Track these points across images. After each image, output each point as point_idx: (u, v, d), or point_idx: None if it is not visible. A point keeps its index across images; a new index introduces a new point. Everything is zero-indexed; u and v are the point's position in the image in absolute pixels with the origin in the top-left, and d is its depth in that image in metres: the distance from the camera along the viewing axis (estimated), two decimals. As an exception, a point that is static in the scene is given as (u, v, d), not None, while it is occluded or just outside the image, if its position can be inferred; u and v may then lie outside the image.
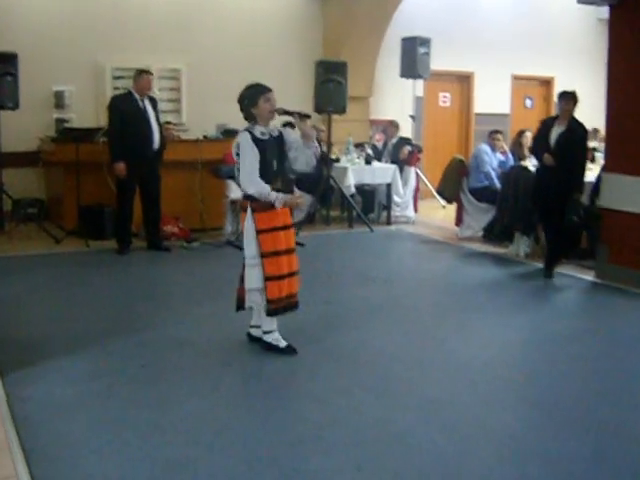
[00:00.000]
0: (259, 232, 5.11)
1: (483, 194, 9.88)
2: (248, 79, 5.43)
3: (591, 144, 10.55)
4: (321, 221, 11.07)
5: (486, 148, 10.04)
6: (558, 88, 14.62)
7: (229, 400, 4.59)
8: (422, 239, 10.15)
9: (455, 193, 10.13)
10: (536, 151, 7.95)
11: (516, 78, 14.51)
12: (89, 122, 10.44)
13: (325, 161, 10.59)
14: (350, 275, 7.97)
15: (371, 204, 11.30)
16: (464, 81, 14.17)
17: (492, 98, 14.21)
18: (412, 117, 12.42)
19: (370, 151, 11.16)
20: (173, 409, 4.38)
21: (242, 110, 5.22)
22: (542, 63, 14.45)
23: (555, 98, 14.40)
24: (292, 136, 5.33)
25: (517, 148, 9.94)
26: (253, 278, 5.17)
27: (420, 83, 12.58)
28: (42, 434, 4.03)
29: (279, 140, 5.25)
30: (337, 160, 10.89)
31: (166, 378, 4.91)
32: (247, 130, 5.16)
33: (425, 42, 11.77)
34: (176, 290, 7.26)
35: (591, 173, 8.59)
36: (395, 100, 12.94)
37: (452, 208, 11.73)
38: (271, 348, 5.28)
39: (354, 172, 10.59)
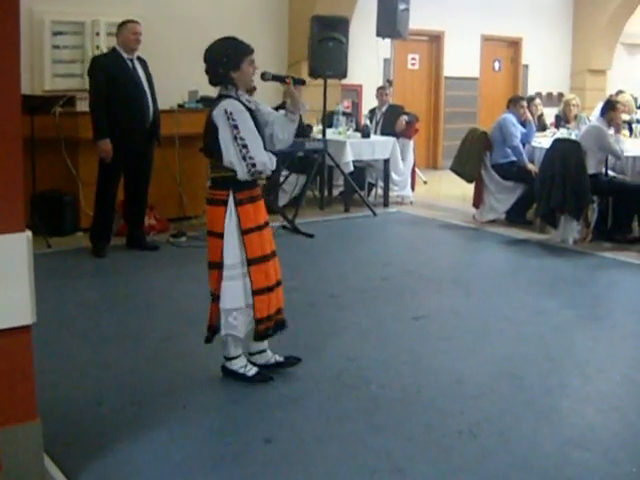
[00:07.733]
0: (245, 232, 3.93)
1: (509, 171, 8.46)
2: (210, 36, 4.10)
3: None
4: (311, 205, 9.18)
5: (512, 118, 8.50)
6: (527, 49, 13.49)
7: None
8: (439, 224, 8.59)
9: (477, 171, 8.60)
10: None
11: (486, 39, 13.05)
12: (22, 88, 8.24)
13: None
14: (406, 277, 6.37)
15: (361, 183, 9.53)
16: (434, 41, 12.60)
17: (462, 60, 12.73)
18: (389, 81, 10.83)
19: (369, 121, 9.45)
20: None
21: (213, 71, 3.96)
22: (510, 23, 13.06)
23: (523, 60, 13.28)
24: (268, 109, 4.18)
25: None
26: (236, 294, 3.95)
27: (387, 44, 10.94)
28: None
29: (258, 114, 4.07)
30: (310, 128, 9.27)
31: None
32: (230, 97, 3.92)
33: (406, -3, 10.11)
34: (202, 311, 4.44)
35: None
36: (362, 62, 11.26)
37: (434, 184, 10.92)
38: (237, 377, 4.09)
39: (352, 147, 8.91)
